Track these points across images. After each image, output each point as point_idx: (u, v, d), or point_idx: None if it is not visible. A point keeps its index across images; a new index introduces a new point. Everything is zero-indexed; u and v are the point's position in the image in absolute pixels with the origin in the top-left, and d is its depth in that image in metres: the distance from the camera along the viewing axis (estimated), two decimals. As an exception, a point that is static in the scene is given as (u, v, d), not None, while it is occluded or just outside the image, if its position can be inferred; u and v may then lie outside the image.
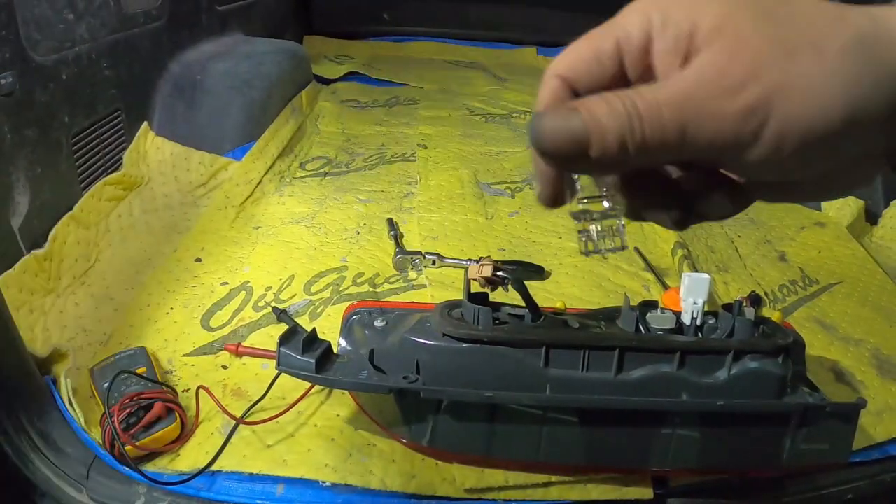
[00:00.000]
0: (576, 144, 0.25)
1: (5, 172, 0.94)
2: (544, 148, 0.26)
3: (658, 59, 0.26)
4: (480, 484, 0.68)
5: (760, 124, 0.24)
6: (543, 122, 0.26)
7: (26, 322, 0.86)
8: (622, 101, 0.25)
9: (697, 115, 0.24)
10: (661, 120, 0.24)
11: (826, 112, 0.24)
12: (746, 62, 0.24)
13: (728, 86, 0.24)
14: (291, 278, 1.04)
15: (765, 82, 0.23)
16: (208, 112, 1.46)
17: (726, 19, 0.24)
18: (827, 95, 0.23)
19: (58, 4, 1.06)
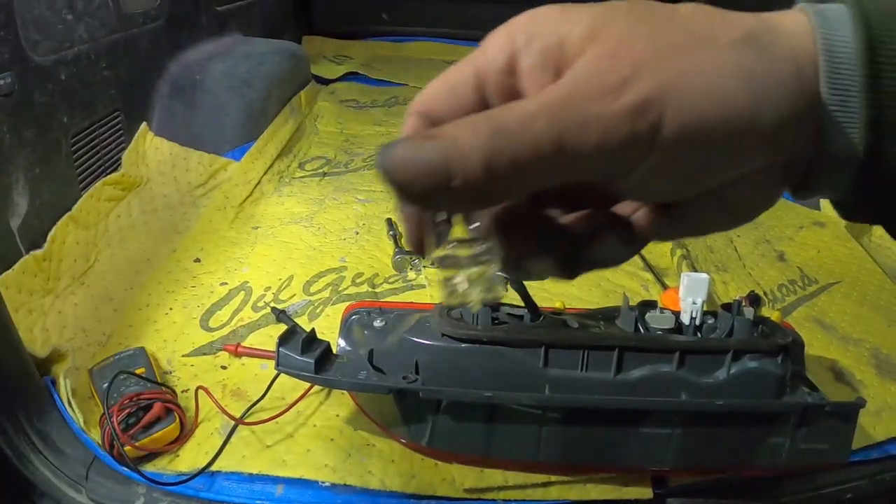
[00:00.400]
0: (433, 175, 0.21)
1: (4, 173, 0.94)
2: (397, 182, 0.22)
3: (525, 78, 0.23)
4: (480, 484, 0.68)
5: (656, 120, 0.21)
6: (393, 152, 0.22)
7: (25, 322, 0.86)
8: (486, 118, 0.21)
9: (577, 120, 0.21)
10: (533, 132, 0.21)
11: (729, 103, 0.21)
12: (627, 61, 0.21)
13: (610, 84, 0.21)
14: (290, 278, 1.04)
15: (652, 77, 0.21)
16: (207, 112, 1.46)
17: (599, 26, 0.22)
18: (728, 87, 0.21)
19: (57, 5, 1.06)
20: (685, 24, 0.22)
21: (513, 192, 0.22)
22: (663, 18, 0.22)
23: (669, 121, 0.21)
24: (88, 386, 0.77)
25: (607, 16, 0.22)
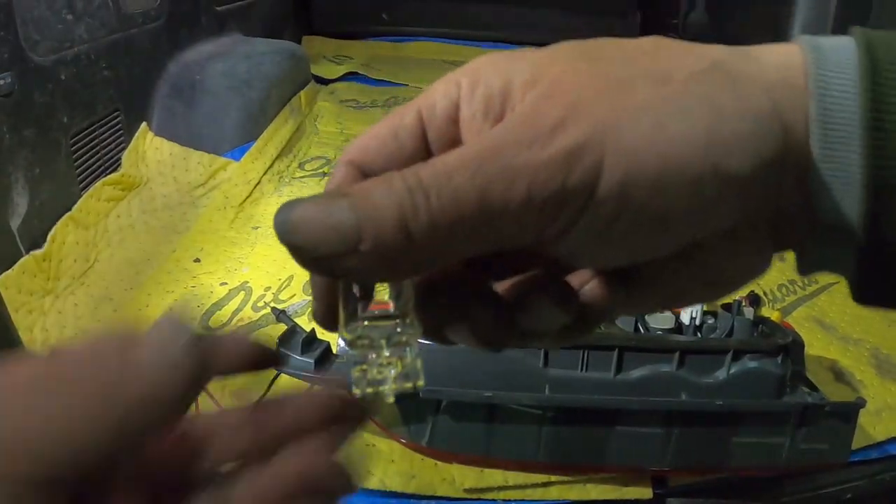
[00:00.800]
0: (340, 236, 0.18)
1: (4, 173, 0.94)
2: (297, 244, 0.18)
3: (465, 127, 0.21)
4: (480, 484, 0.68)
5: (592, 168, 0.18)
6: (294, 213, 0.18)
7: (25, 322, 0.86)
8: (402, 174, 0.18)
9: (503, 172, 0.18)
10: (451, 187, 0.17)
11: (682, 145, 0.18)
12: (563, 102, 0.18)
13: (541, 130, 0.18)
14: (290, 278, 1.04)
15: (588, 118, 0.18)
16: (207, 112, 1.46)
17: (541, 68, 0.20)
18: (681, 125, 0.18)
19: (56, 5, 1.06)
20: (638, 59, 0.19)
21: (434, 257, 0.19)
22: (613, 55, 0.20)
23: (608, 168, 0.18)
24: (88, 386, 0.76)
25: (552, 57, 0.20)
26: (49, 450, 0.17)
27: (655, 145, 0.18)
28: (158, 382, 0.19)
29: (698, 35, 2.22)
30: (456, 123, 0.21)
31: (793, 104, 0.19)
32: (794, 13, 1.64)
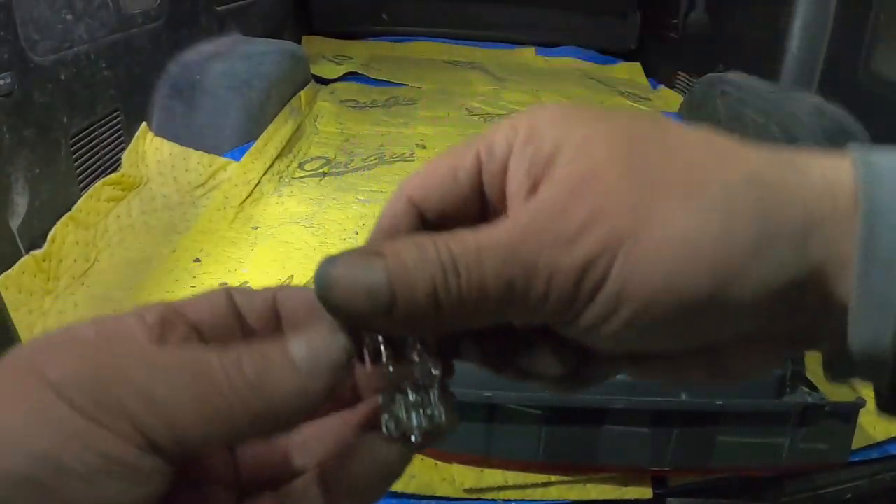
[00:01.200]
0: (375, 300, 0.19)
1: (4, 173, 0.94)
2: (334, 304, 0.20)
3: (510, 181, 0.22)
4: (480, 484, 0.68)
5: (602, 274, 0.19)
6: (335, 271, 0.20)
7: (25, 323, 0.86)
8: (436, 245, 0.19)
9: (527, 269, 0.19)
10: (480, 271, 0.19)
11: (691, 261, 0.18)
12: (591, 200, 0.19)
13: (565, 234, 0.19)
14: (290, 279, 1.04)
15: (609, 225, 0.19)
16: (207, 112, 1.46)
17: (588, 144, 0.20)
18: (694, 242, 0.18)
19: (56, 5, 1.06)
20: (681, 157, 0.19)
21: (458, 323, 0.20)
22: (658, 148, 0.20)
23: (613, 277, 0.19)
24: (88, 386, 0.76)
25: (598, 134, 0.20)
26: (186, 421, 0.18)
27: (663, 263, 0.18)
28: (310, 378, 0.20)
29: (698, 35, 2.22)
30: (505, 174, 0.22)
31: (832, 221, 0.18)
32: (794, 13, 1.64)
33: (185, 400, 0.18)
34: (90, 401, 0.17)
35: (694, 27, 2.24)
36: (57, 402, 0.17)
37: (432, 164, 0.23)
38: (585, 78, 2.48)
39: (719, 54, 2.04)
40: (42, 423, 0.17)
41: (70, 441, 0.17)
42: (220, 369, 0.19)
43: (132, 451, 0.17)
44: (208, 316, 0.22)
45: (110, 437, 0.17)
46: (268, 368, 0.19)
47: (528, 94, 2.16)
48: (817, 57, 1.61)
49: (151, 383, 0.18)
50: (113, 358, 0.19)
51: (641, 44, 2.68)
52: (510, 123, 0.22)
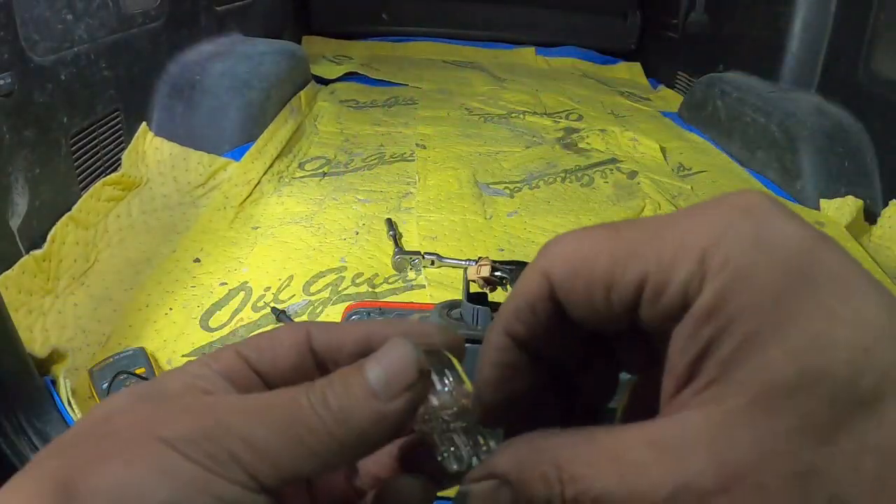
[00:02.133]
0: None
1: (4, 173, 0.94)
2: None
3: (671, 356, 0.19)
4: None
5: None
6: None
7: (25, 323, 0.86)
8: (559, 478, 0.19)
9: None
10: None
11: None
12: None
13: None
14: (290, 279, 1.04)
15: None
16: (207, 112, 1.46)
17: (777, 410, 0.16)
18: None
19: (57, 5, 1.06)
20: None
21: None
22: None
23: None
24: (88, 386, 0.77)
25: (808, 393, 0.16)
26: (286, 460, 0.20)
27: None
28: (388, 408, 0.21)
29: (698, 35, 2.22)
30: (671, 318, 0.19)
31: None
32: (794, 13, 1.64)
33: (284, 441, 0.20)
34: (201, 453, 0.19)
35: (694, 27, 2.24)
36: (174, 457, 0.19)
37: (581, 254, 0.20)
38: (585, 78, 2.48)
39: (719, 54, 2.04)
40: (163, 476, 0.19)
41: (189, 489, 0.19)
42: (309, 407, 0.21)
43: (244, 493, 0.19)
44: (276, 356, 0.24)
45: (224, 483, 0.19)
46: (349, 397, 0.21)
47: (528, 95, 2.16)
48: (817, 57, 1.61)
49: (251, 430, 0.20)
50: (212, 412, 0.20)
51: (641, 44, 2.68)
52: (698, 250, 0.18)
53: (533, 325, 0.21)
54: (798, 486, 0.16)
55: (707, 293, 0.17)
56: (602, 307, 0.19)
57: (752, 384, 0.17)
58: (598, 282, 0.19)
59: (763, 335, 0.17)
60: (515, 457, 0.20)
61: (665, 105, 2.19)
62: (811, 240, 0.17)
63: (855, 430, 0.16)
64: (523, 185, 1.45)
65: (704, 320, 0.17)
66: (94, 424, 0.21)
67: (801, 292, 0.17)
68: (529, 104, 2.06)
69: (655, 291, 0.18)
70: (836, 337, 0.16)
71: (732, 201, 0.19)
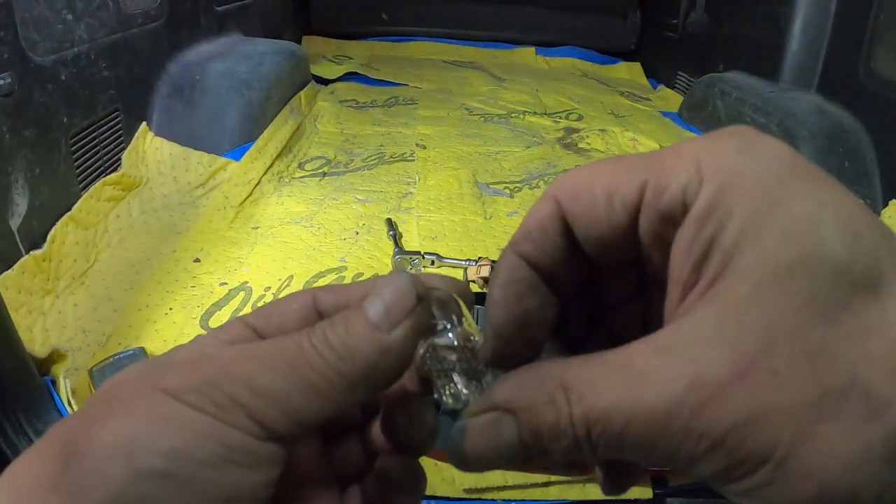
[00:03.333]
0: (511, 460, 0.20)
1: (4, 173, 0.94)
2: (470, 465, 0.21)
3: (675, 256, 0.19)
4: (479, 484, 0.68)
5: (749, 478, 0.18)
6: (467, 446, 0.21)
7: (25, 323, 0.86)
8: (572, 413, 0.18)
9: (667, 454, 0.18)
10: (620, 444, 0.18)
11: (843, 489, 0.17)
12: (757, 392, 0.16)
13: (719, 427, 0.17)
14: (290, 279, 1.04)
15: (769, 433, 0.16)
16: (207, 112, 1.46)
17: (785, 275, 0.17)
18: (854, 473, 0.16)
19: (56, 5, 1.06)
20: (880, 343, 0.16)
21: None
22: (862, 318, 0.17)
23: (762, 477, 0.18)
24: (88, 386, 0.77)
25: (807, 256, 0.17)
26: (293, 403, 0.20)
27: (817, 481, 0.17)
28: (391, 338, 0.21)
29: (698, 35, 2.22)
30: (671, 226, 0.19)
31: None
32: (794, 13, 1.64)
33: (288, 383, 0.20)
34: (207, 400, 0.19)
35: (694, 27, 2.24)
36: (179, 406, 0.19)
37: (586, 175, 0.21)
38: (585, 78, 2.48)
39: (719, 54, 2.04)
40: (169, 425, 0.19)
41: (196, 437, 0.19)
42: (311, 348, 0.21)
43: (250, 441, 0.19)
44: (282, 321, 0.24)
45: (230, 430, 0.19)
46: (350, 334, 0.21)
47: (528, 95, 2.16)
48: (817, 57, 1.61)
49: (255, 375, 0.20)
50: (215, 362, 0.20)
51: (641, 44, 2.68)
52: (694, 159, 0.19)
53: (542, 245, 0.21)
54: (810, 367, 0.16)
55: (704, 194, 0.18)
56: (605, 215, 0.20)
57: (755, 269, 0.17)
58: (601, 191, 0.20)
59: (758, 222, 0.17)
60: (519, 384, 0.20)
61: (665, 105, 2.19)
62: (791, 151, 0.18)
63: (859, 311, 0.16)
64: (523, 185, 1.45)
65: (704, 219, 0.18)
66: (101, 393, 0.21)
67: (788, 182, 0.17)
68: (529, 104, 2.06)
69: (655, 194, 0.19)
70: (827, 218, 0.17)
71: (722, 130, 0.20)
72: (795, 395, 0.16)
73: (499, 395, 0.20)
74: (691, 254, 0.18)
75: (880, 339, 0.16)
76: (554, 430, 0.19)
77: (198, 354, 0.22)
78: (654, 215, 0.19)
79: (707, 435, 0.17)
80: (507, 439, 0.20)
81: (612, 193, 0.20)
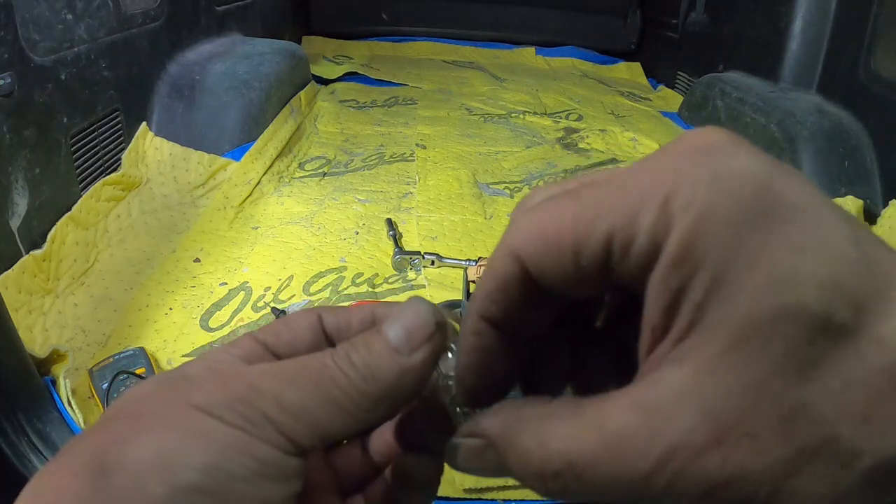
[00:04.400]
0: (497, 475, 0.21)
1: (4, 173, 0.94)
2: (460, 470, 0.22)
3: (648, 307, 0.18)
4: (479, 484, 0.68)
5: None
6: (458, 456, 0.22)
7: (25, 323, 0.86)
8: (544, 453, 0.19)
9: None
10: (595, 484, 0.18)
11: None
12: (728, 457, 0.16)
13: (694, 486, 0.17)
14: (290, 279, 1.04)
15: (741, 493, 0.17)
16: (207, 112, 1.46)
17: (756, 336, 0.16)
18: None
19: (56, 5, 1.06)
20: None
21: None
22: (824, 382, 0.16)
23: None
24: (88, 386, 0.77)
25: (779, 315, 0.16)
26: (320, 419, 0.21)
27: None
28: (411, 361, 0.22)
29: (698, 35, 2.22)
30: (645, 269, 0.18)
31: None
32: (794, 13, 1.64)
33: (316, 401, 0.21)
34: (237, 416, 0.20)
35: (694, 27, 2.24)
36: (210, 421, 0.20)
37: (547, 224, 0.19)
38: (585, 78, 2.48)
39: (719, 54, 2.04)
40: (203, 440, 0.19)
41: (230, 452, 0.19)
42: (336, 367, 0.21)
43: (280, 455, 0.20)
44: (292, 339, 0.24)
45: (262, 444, 0.20)
46: (372, 355, 0.22)
47: (528, 95, 2.16)
48: (817, 57, 1.61)
49: (283, 391, 0.21)
50: (241, 379, 0.21)
51: (641, 44, 2.68)
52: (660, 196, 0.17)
53: (506, 305, 0.21)
54: (786, 429, 0.16)
55: (673, 238, 0.17)
56: (573, 274, 0.19)
57: (728, 327, 0.16)
58: (566, 249, 0.18)
59: (731, 274, 0.16)
60: (502, 422, 0.21)
61: (665, 105, 2.19)
62: (770, 173, 0.17)
63: (836, 365, 0.16)
64: (523, 185, 1.45)
65: (673, 266, 0.17)
66: (122, 408, 0.21)
67: (764, 228, 0.16)
68: (529, 104, 2.06)
69: (623, 245, 0.18)
70: (804, 270, 0.16)
71: (689, 142, 0.18)
72: (771, 455, 0.16)
73: (484, 427, 0.21)
74: (661, 299, 0.17)
75: (857, 392, 0.16)
76: (532, 476, 0.19)
77: (217, 370, 0.22)
78: (626, 266, 0.18)
79: (686, 496, 0.17)
80: (491, 464, 0.21)
81: (579, 252, 0.18)
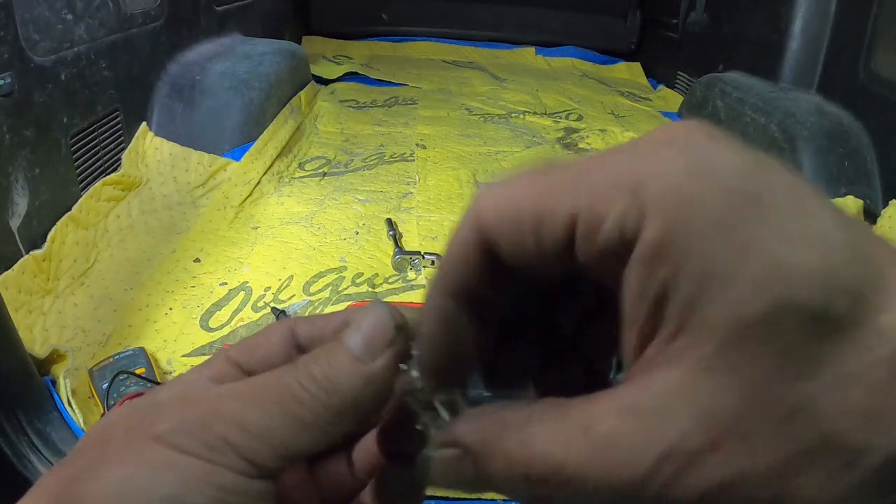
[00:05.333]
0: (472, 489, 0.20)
1: (4, 173, 0.94)
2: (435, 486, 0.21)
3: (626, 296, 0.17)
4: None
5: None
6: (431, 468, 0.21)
7: (25, 323, 0.86)
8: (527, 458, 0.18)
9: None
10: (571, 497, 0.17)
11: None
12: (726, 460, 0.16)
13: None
14: (290, 279, 1.04)
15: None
16: (207, 112, 1.46)
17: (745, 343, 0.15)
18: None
19: (57, 5, 1.06)
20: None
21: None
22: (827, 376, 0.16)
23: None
24: (88, 386, 0.77)
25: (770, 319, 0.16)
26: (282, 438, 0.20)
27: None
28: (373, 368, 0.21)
29: (698, 35, 2.22)
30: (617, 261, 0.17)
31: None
32: (794, 13, 1.64)
33: (276, 420, 0.20)
34: (197, 443, 0.19)
35: (694, 27, 2.24)
36: (169, 451, 0.19)
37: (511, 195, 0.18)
38: (585, 78, 2.48)
39: (719, 54, 2.04)
40: (163, 472, 0.19)
41: (189, 481, 0.19)
42: (296, 383, 0.21)
43: (242, 479, 0.19)
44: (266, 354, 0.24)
45: (223, 471, 0.19)
46: (332, 367, 0.21)
47: (528, 95, 2.16)
48: (817, 57, 1.61)
49: (243, 413, 0.20)
50: (203, 403, 0.21)
51: (641, 44, 2.68)
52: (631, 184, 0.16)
53: (467, 277, 0.20)
54: (786, 430, 0.15)
55: (651, 230, 0.16)
56: (534, 249, 0.18)
57: (721, 325, 0.15)
58: (527, 223, 0.17)
59: (722, 270, 0.15)
60: (480, 429, 0.19)
61: (665, 105, 2.19)
62: (753, 163, 0.16)
63: (835, 360, 0.15)
64: (523, 185, 1.45)
65: (655, 261, 0.16)
66: (91, 438, 0.21)
67: (752, 218, 0.15)
68: (529, 104, 2.06)
69: (589, 228, 0.17)
70: (799, 262, 0.15)
71: (663, 132, 0.17)
72: (770, 457, 0.15)
73: (460, 434, 0.20)
74: (644, 298, 0.16)
75: (858, 386, 0.15)
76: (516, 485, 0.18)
77: (184, 394, 0.22)
78: (591, 252, 0.17)
79: (681, 501, 0.16)
80: (468, 476, 0.19)
81: (540, 224, 0.17)
